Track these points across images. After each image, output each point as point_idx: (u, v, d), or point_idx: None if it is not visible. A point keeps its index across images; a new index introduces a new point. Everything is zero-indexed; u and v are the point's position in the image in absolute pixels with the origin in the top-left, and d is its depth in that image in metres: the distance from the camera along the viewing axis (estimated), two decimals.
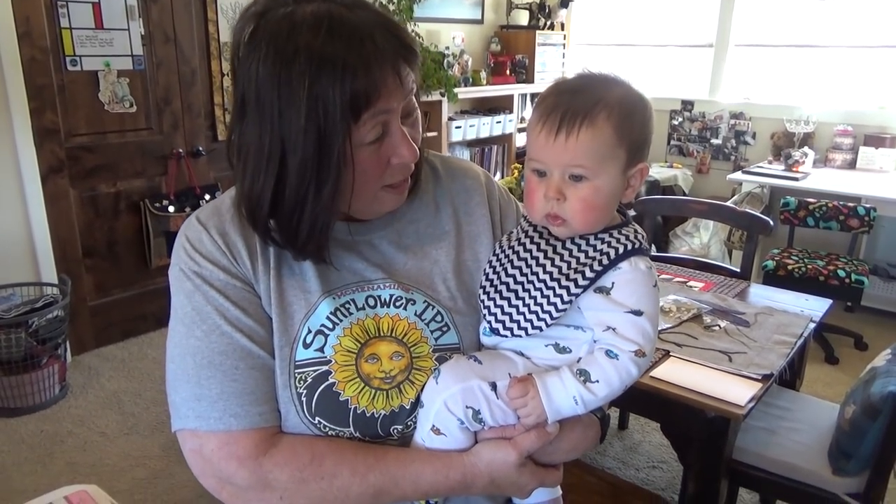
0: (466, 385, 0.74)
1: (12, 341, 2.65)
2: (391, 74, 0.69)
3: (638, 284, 0.75)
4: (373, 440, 0.75)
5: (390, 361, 0.76)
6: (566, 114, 0.73)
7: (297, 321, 0.76)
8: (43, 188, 2.96)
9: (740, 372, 1.61)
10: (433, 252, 0.84)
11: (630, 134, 0.75)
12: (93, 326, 3.27)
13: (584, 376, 0.74)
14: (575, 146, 0.73)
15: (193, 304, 0.75)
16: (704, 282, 2.23)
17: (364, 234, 0.82)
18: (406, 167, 0.77)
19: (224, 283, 0.75)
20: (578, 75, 0.80)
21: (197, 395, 0.73)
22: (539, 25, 5.08)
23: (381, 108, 0.69)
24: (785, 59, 4.54)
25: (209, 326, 0.74)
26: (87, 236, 3.18)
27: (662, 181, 4.64)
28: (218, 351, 0.73)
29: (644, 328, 0.74)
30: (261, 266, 0.77)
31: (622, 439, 2.65)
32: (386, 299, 0.79)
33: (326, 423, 0.74)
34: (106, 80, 3.11)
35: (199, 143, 3.50)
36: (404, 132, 0.74)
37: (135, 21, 3.15)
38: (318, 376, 0.74)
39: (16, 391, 2.70)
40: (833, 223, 3.38)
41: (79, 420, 2.71)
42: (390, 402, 0.75)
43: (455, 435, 0.74)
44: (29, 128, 2.87)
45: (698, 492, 1.64)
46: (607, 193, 0.76)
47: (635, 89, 0.79)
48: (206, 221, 0.79)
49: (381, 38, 0.69)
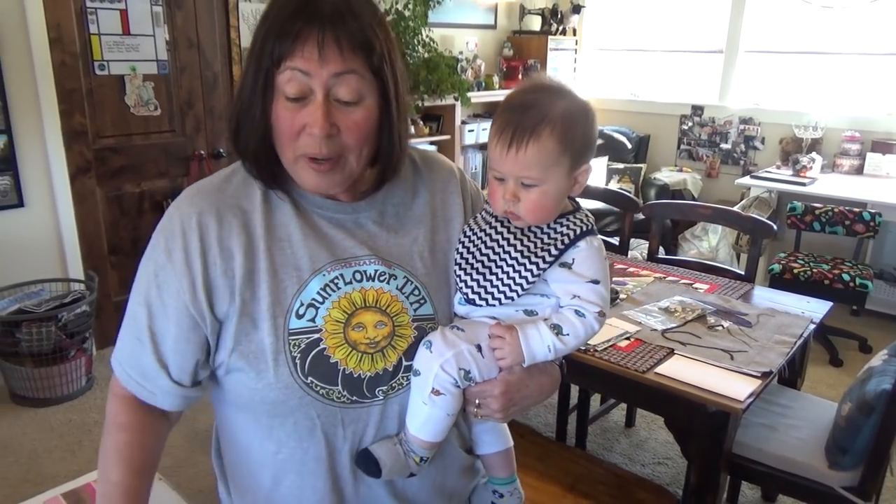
0: (457, 350, 0.87)
1: (42, 334, 2.76)
2: (312, 42, 0.77)
3: (594, 259, 0.90)
4: (360, 400, 0.86)
5: (375, 329, 0.87)
6: (515, 131, 0.85)
7: (290, 295, 0.85)
8: (71, 188, 3.08)
9: (741, 369, 1.69)
10: (413, 231, 0.94)
11: (573, 143, 0.87)
12: (117, 321, 3.35)
13: (556, 330, 0.88)
14: (524, 159, 0.86)
15: (142, 271, 0.89)
16: (709, 284, 2.30)
17: (351, 214, 0.91)
18: (317, 142, 0.80)
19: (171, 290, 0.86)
20: (528, 88, 0.91)
21: (121, 343, 0.92)
22: (551, 31, 5.16)
23: (296, 65, 0.78)
24: (794, 65, 4.60)
25: (137, 293, 0.89)
26: (113, 234, 3.30)
27: (672, 185, 4.70)
28: (132, 314, 0.90)
29: (601, 293, 0.89)
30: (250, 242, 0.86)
31: (629, 436, 2.73)
32: (371, 274, 0.88)
33: (318, 381, 0.84)
34: (132, 84, 3.22)
35: (219, 145, 3.61)
36: (324, 106, 0.79)
37: (160, 27, 3.26)
38: (311, 343, 0.84)
39: (45, 382, 2.82)
40: (839, 228, 3.44)
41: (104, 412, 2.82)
42: (375, 365, 0.86)
43: (452, 392, 0.87)
44: (58, 129, 2.99)
45: (700, 484, 1.72)
46: (554, 195, 0.88)
47: (578, 99, 0.90)
48: (204, 202, 0.88)
49: (323, 12, 0.77)
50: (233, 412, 0.92)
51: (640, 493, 1.73)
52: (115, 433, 0.90)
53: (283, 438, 0.87)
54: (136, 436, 0.89)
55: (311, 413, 0.85)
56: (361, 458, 0.88)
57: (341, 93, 0.80)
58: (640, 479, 1.81)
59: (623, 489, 1.73)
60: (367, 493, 0.91)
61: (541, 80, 0.91)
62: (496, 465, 1.03)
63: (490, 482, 1.04)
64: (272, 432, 0.88)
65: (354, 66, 0.79)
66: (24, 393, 2.84)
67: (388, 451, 0.88)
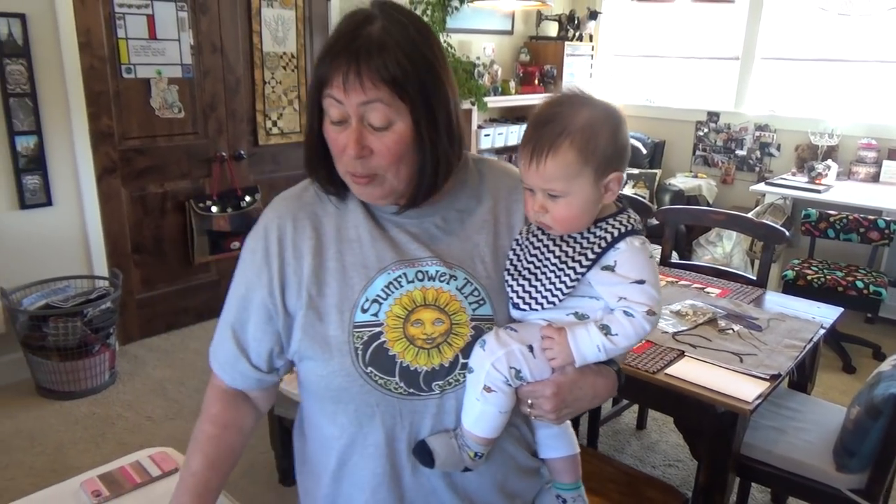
0: (509, 349, 0.90)
1: (69, 329, 2.84)
2: (339, 77, 0.84)
3: (636, 259, 0.90)
4: (417, 393, 0.92)
5: (432, 326, 0.92)
6: (536, 146, 0.89)
7: (357, 291, 0.92)
8: (97, 187, 3.17)
9: (750, 372, 1.72)
10: (474, 237, 0.99)
11: (594, 153, 0.89)
12: (139, 318, 3.48)
13: (605, 330, 0.89)
14: (545, 172, 0.89)
15: (240, 275, 0.99)
16: (721, 288, 2.33)
17: (415, 218, 0.97)
18: (352, 161, 0.88)
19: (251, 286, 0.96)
20: (553, 101, 0.93)
21: (216, 333, 1.02)
22: (568, 37, 5.20)
23: (333, 94, 0.86)
24: (810, 72, 4.61)
25: (234, 294, 0.99)
26: (136, 233, 3.39)
27: (687, 191, 4.73)
28: (226, 305, 1.00)
29: (649, 292, 0.89)
30: (320, 244, 0.95)
31: (640, 438, 2.76)
32: (432, 274, 0.94)
33: (377, 372, 0.90)
34: (157, 87, 3.31)
35: (241, 147, 3.69)
36: (356, 132, 0.86)
37: (185, 32, 3.35)
38: (372, 336, 0.91)
39: (71, 376, 2.90)
40: (853, 235, 3.45)
41: (127, 404, 2.90)
42: (431, 360, 0.91)
43: (503, 390, 0.90)
44: (86, 131, 3.08)
45: (708, 483, 1.75)
46: (580, 204, 0.90)
47: (603, 108, 0.91)
48: (284, 209, 0.98)
49: (355, 47, 0.84)
50: (307, 398, 1.02)
51: (649, 491, 1.77)
52: (204, 423, 1.01)
53: (345, 423, 0.94)
54: (221, 430, 1.00)
55: (371, 401, 0.92)
56: (417, 449, 0.93)
57: (372, 118, 0.86)
58: (649, 477, 1.84)
59: (632, 487, 1.77)
60: (424, 484, 0.96)
61: (567, 92, 0.93)
62: (561, 470, 1.05)
63: (554, 486, 1.07)
64: (336, 417, 0.95)
65: (379, 96, 0.84)
66: (49, 386, 2.93)
67: (443, 443, 0.92)
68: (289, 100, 3.87)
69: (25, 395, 2.95)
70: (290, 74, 3.83)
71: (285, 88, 3.83)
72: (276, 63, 3.76)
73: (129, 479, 1.12)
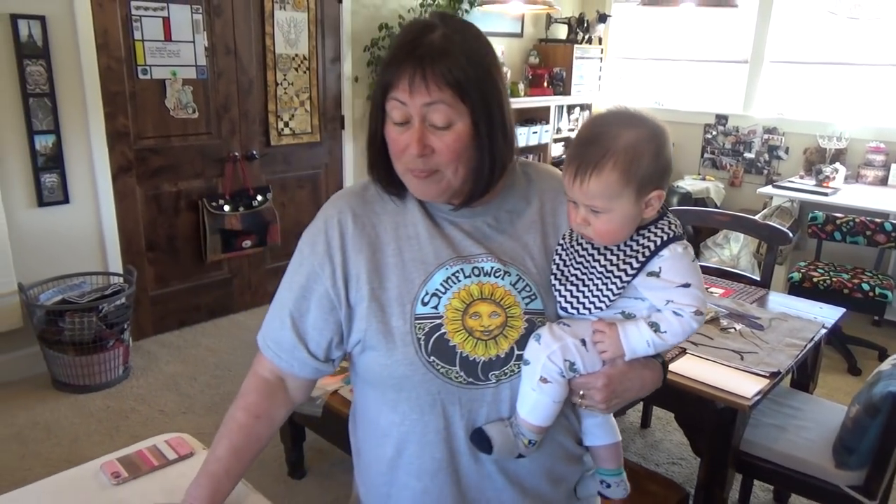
0: (563, 343, 0.95)
1: (84, 324, 2.91)
2: (405, 80, 0.90)
3: (680, 264, 0.94)
4: (475, 382, 0.97)
5: (489, 319, 0.97)
6: (580, 165, 0.93)
7: (416, 285, 0.98)
8: (113, 186, 3.24)
9: (750, 369, 1.76)
10: (524, 236, 1.04)
11: (637, 173, 0.92)
12: (152, 315, 3.54)
13: (654, 327, 0.94)
14: (587, 191, 0.93)
15: (297, 266, 1.03)
16: (725, 288, 2.36)
17: (469, 218, 1.02)
18: (414, 158, 0.94)
19: (314, 276, 1.00)
20: (599, 121, 0.97)
21: (267, 321, 1.06)
22: (577, 39, 5.24)
23: (396, 96, 0.92)
24: (819, 75, 4.62)
25: (287, 277, 1.04)
26: (150, 231, 3.45)
27: (694, 193, 4.74)
28: (279, 294, 1.05)
29: (695, 294, 0.94)
30: (380, 240, 1.01)
31: (644, 437, 2.79)
32: (487, 270, 0.99)
33: (438, 360, 0.96)
34: (172, 87, 3.38)
35: (253, 148, 3.76)
36: (418, 131, 0.92)
37: (199, 34, 3.41)
38: (433, 327, 0.96)
39: (85, 370, 2.97)
40: (860, 238, 3.46)
41: (140, 398, 2.97)
42: (488, 351, 0.96)
43: (558, 381, 0.95)
44: (103, 130, 3.15)
45: (708, 478, 1.79)
46: (620, 220, 0.95)
47: (648, 128, 0.93)
48: (345, 205, 1.03)
49: (420, 52, 0.90)
50: (365, 388, 1.05)
51: (651, 485, 1.80)
52: (238, 409, 1.05)
53: (407, 411, 0.99)
54: (253, 420, 1.04)
55: (432, 389, 0.96)
56: (475, 436, 0.97)
57: (434, 118, 0.92)
58: (651, 472, 1.88)
59: (634, 481, 1.79)
60: (480, 470, 1.00)
61: (613, 110, 0.97)
62: (605, 457, 1.10)
63: (598, 472, 1.12)
64: (397, 405, 0.99)
65: (442, 98, 0.91)
66: (65, 379, 2.99)
67: (499, 431, 0.96)
68: (300, 101, 3.93)
69: (41, 389, 3.02)
70: (301, 76, 3.89)
71: (297, 90, 3.89)
72: (289, 65, 3.82)
73: (147, 461, 1.17)
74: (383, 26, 4.12)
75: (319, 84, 4.00)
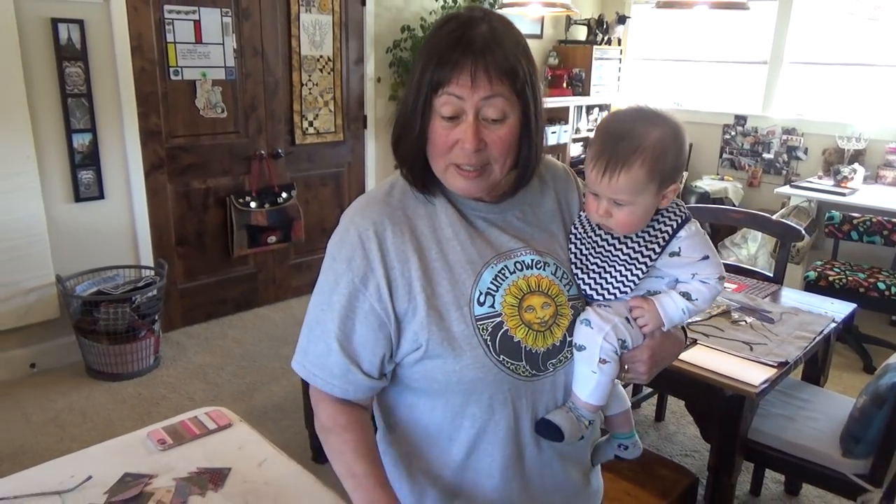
0: (613, 323, 1.01)
1: (118, 314, 3.04)
2: (466, 72, 0.90)
3: (696, 241, 1.02)
4: (538, 373, 0.99)
5: (542, 310, 1.00)
6: (609, 161, 0.97)
7: (468, 286, 0.97)
8: (145, 183, 3.37)
9: (759, 359, 1.82)
10: (550, 226, 1.08)
11: (662, 170, 0.98)
12: (181, 307, 3.67)
13: (686, 296, 1.02)
14: (616, 186, 0.98)
15: (324, 279, 0.99)
16: (738, 284, 2.42)
17: (499, 213, 1.04)
18: (466, 153, 0.93)
19: (356, 294, 0.96)
20: (625, 117, 1.02)
21: (305, 348, 1.01)
22: (596, 41, 5.30)
23: (452, 91, 0.90)
24: (838, 76, 4.63)
25: (321, 299, 0.99)
26: (180, 227, 3.58)
27: (713, 193, 4.78)
28: (316, 318, 0.99)
29: (714, 262, 1.02)
30: (420, 245, 0.98)
31: (658, 430, 2.85)
32: (528, 263, 1.01)
33: (507, 358, 0.96)
34: (202, 88, 3.50)
35: (278, 146, 3.87)
36: (474, 126, 0.91)
37: (229, 36, 3.53)
38: (496, 326, 0.97)
39: (119, 359, 3.10)
40: (877, 238, 3.49)
41: (170, 387, 3.09)
42: (546, 341, 0.99)
43: (613, 359, 1.01)
44: (136, 129, 3.28)
45: (717, 464, 1.85)
46: (642, 212, 1.01)
47: (671, 126, 0.98)
48: (376, 214, 0.99)
49: (475, 45, 0.90)
50: (420, 401, 1.03)
51: (661, 470, 1.87)
52: (342, 434, 0.99)
53: (478, 413, 0.99)
54: (361, 433, 0.99)
55: (504, 387, 0.97)
56: (542, 427, 1.00)
57: (489, 112, 0.92)
58: (662, 458, 1.94)
59: (645, 466, 1.87)
60: (542, 458, 1.04)
61: (637, 109, 1.01)
62: (619, 423, 1.17)
63: (614, 437, 1.19)
64: (465, 409, 0.99)
65: (500, 91, 0.91)
66: (99, 368, 3.12)
67: (564, 418, 1.00)
68: (324, 101, 4.03)
69: (77, 376, 3.15)
70: (326, 77, 4.00)
71: (321, 90, 4.00)
72: (313, 66, 3.93)
73: (189, 430, 1.27)
74: (405, 28, 4.21)
75: (343, 85, 4.11)
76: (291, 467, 1.18)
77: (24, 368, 3.15)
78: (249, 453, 1.21)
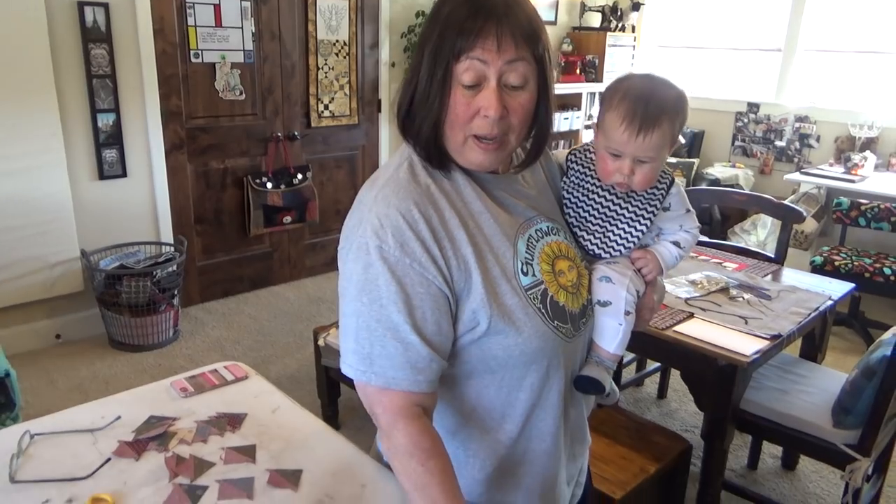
0: (629, 276, 1.09)
1: (140, 288, 3.16)
2: (491, 37, 0.88)
3: (681, 196, 1.14)
4: (576, 333, 1.02)
5: (570, 273, 1.04)
6: (643, 121, 1.01)
7: (510, 258, 0.97)
8: (166, 162, 3.48)
9: (753, 332, 1.88)
10: (546, 192, 1.12)
11: (679, 126, 1.08)
12: (199, 283, 3.79)
13: (676, 245, 1.15)
14: (648, 143, 1.04)
15: (368, 275, 0.90)
16: (739, 263, 2.48)
17: (512, 184, 1.04)
18: (490, 123, 0.90)
19: (419, 280, 0.90)
20: (640, 81, 1.07)
21: (354, 349, 0.92)
22: (610, 27, 5.33)
23: (476, 55, 0.88)
24: (852, 64, 4.63)
25: (372, 297, 0.90)
26: (199, 205, 3.69)
27: (723, 180, 4.81)
28: (374, 318, 0.90)
29: (693, 214, 1.17)
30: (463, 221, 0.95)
31: (660, 406, 2.92)
32: (546, 230, 1.04)
33: (560, 323, 0.98)
34: (221, 71, 3.60)
35: (294, 128, 3.97)
36: (497, 92, 0.89)
37: (247, 20, 3.62)
38: (543, 292, 0.98)
39: (140, 331, 3.22)
40: (884, 224, 3.52)
41: (189, 358, 3.21)
42: (578, 302, 1.03)
43: (635, 309, 1.09)
44: (158, 110, 3.39)
45: (710, 431, 1.92)
46: (659, 168, 1.10)
47: (680, 90, 1.06)
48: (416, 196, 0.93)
49: (497, 9, 0.88)
50: (471, 381, 0.99)
51: (656, 437, 1.95)
52: (426, 462, 0.89)
53: (536, 383, 0.98)
54: (443, 460, 0.91)
55: (559, 352, 0.99)
56: (582, 382, 1.05)
57: (511, 78, 0.90)
58: (657, 426, 2.02)
59: (640, 432, 1.95)
60: (577, 410, 1.10)
61: (646, 75, 1.07)
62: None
63: None
64: (523, 381, 0.98)
65: (524, 54, 0.90)
66: (121, 339, 3.25)
67: (598, 371, 1.06)
68: (340, 85, 4.12)
69: (100, 347, 3.28)
70: (341, 61, 4.08)
71: (337, 74, 4.09)
72: (329, 50, 4.01)
73: (209, 381, 1.36)
74: (420, 13, 4.28)
75: (358, 69, 4.19)
76: (303, 414, 1.28)
77: (50, 339, 3.28)
78: (264, 401, 1.30)
